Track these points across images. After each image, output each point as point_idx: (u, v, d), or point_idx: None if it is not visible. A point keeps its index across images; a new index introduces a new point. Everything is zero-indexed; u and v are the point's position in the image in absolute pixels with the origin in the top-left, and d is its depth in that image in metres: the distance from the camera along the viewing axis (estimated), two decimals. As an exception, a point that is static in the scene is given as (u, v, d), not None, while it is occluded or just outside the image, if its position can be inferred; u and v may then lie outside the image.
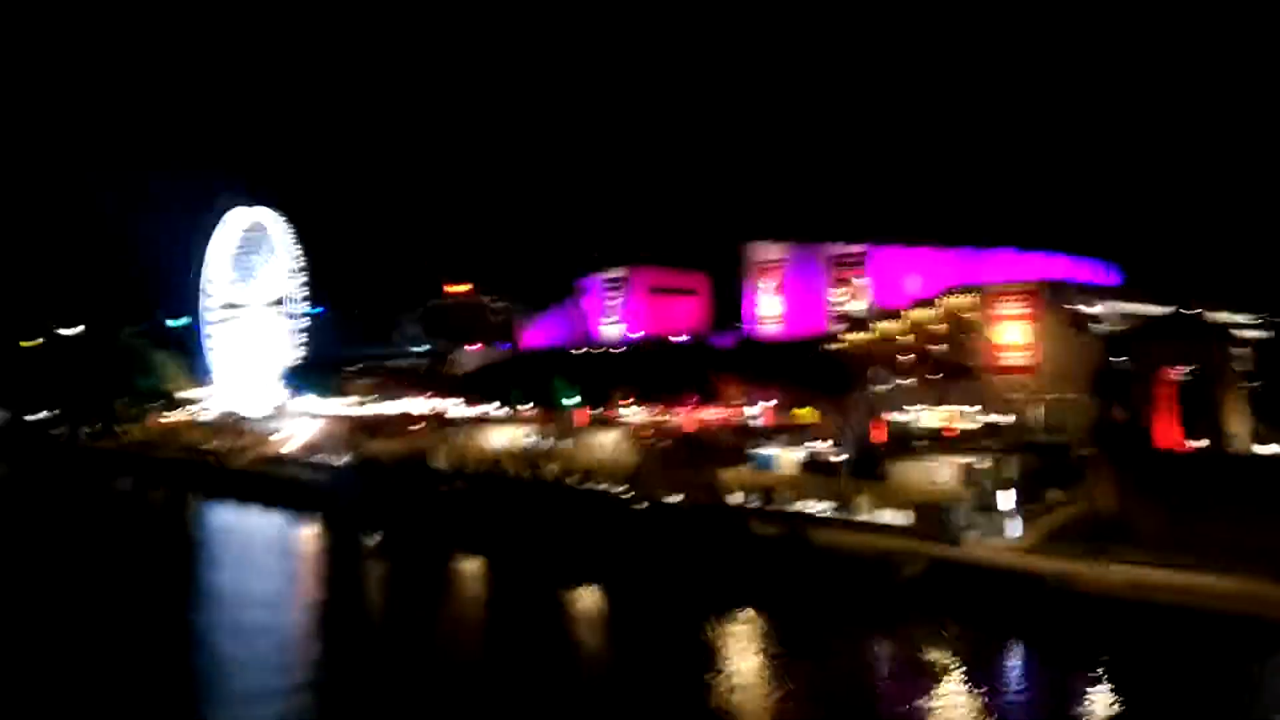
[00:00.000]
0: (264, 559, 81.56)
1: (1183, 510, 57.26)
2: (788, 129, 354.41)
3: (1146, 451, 64.90)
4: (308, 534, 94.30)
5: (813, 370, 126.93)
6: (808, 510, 72.07)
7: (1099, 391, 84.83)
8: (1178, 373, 70.52)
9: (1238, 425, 65.38)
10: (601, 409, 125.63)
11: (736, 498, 78.13)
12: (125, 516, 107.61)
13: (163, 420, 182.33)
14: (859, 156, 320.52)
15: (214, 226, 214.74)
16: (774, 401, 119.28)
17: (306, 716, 43.65)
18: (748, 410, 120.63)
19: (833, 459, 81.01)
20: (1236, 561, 50.38)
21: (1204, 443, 66.21)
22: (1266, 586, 47.48)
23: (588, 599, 64.36)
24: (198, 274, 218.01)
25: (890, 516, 68.30)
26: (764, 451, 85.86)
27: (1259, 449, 66.52)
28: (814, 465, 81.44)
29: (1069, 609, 51.75)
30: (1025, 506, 63.08)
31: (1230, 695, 41.54)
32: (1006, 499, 62.18)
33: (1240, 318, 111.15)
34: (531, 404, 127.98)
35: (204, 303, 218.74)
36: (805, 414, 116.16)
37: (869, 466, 77.09)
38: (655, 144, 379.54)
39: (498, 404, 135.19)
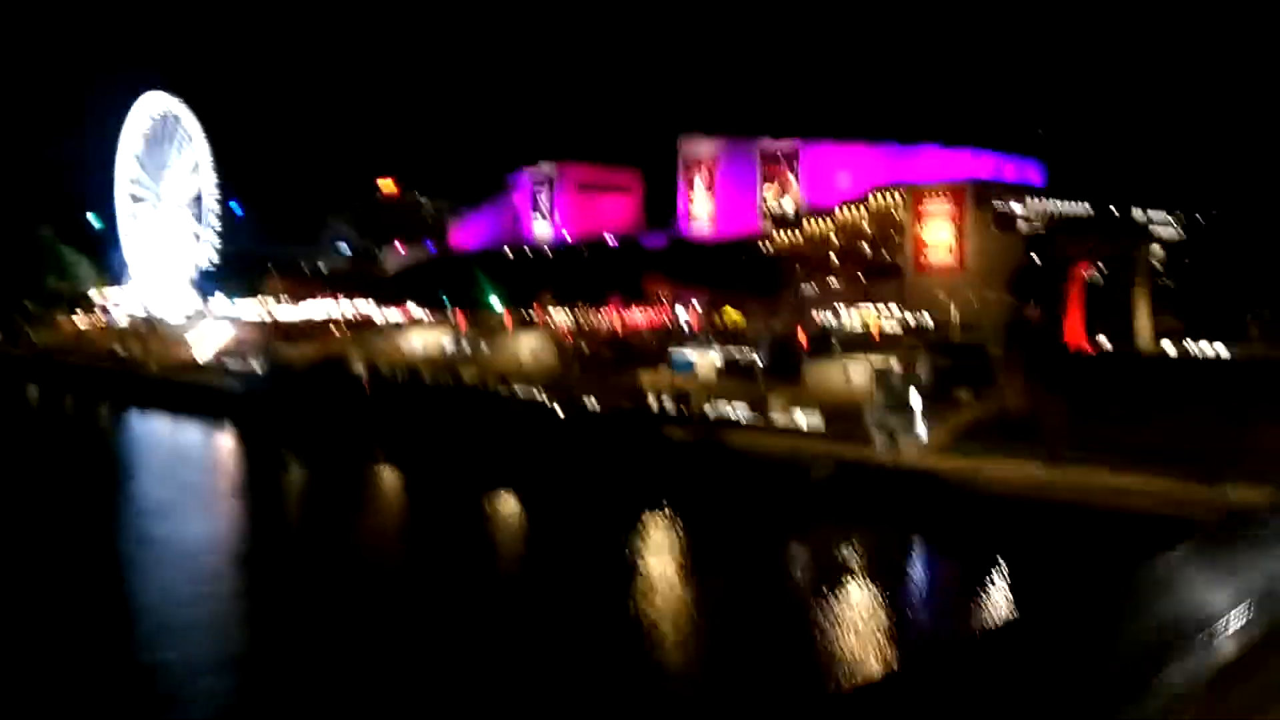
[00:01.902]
0: (173, 469, 79.35)
1: (1085, 409, 58.12)
2: (723, 22, 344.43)
3: (1055, 350, 65.40)
4: (221, 443, 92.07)
5: (742, 271, 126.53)
6: (723, 413, 71.94)
7: (1016, 291, 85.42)
8: (1088, 271, 70.80)
9: (1144, 323, 66.09)
10: (528, 311, 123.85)
11: (655, 401, 77.70)
12: (30, 425, 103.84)
13: (73, 323, 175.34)
14: (793, 50, 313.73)
15: (123, 115, 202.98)
16: (701, 302, 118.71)
17: (219, 626, 42.71)
18: (676, 312, 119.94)
19: (751, 361, 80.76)
20: (1132, 459, 51.40)
21: (1107, 341, 66.98)
22: (1157, 482, 48.50)
23: (504, 506, 63.96)
24: (112, 168, 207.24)
25: (804, 418, 68.47)
26: (683, 354, 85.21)
27: (1165, 345, 67.63)
28: (732, 368, 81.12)
29: (970, 508, 52.56)
30: (934, 406, 63.51)
31: (1119, 589, 42.55)
32: (916, 399, 62.44)
33: (1158, 214, 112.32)
34: (456, 306, 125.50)
35: (118, 199, 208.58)
36: (733, 315, 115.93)
37: (786, 368, 76.95)
38: (588, 35, 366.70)
39: (422, 306, 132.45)
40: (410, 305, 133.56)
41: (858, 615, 42.34)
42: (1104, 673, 17.08)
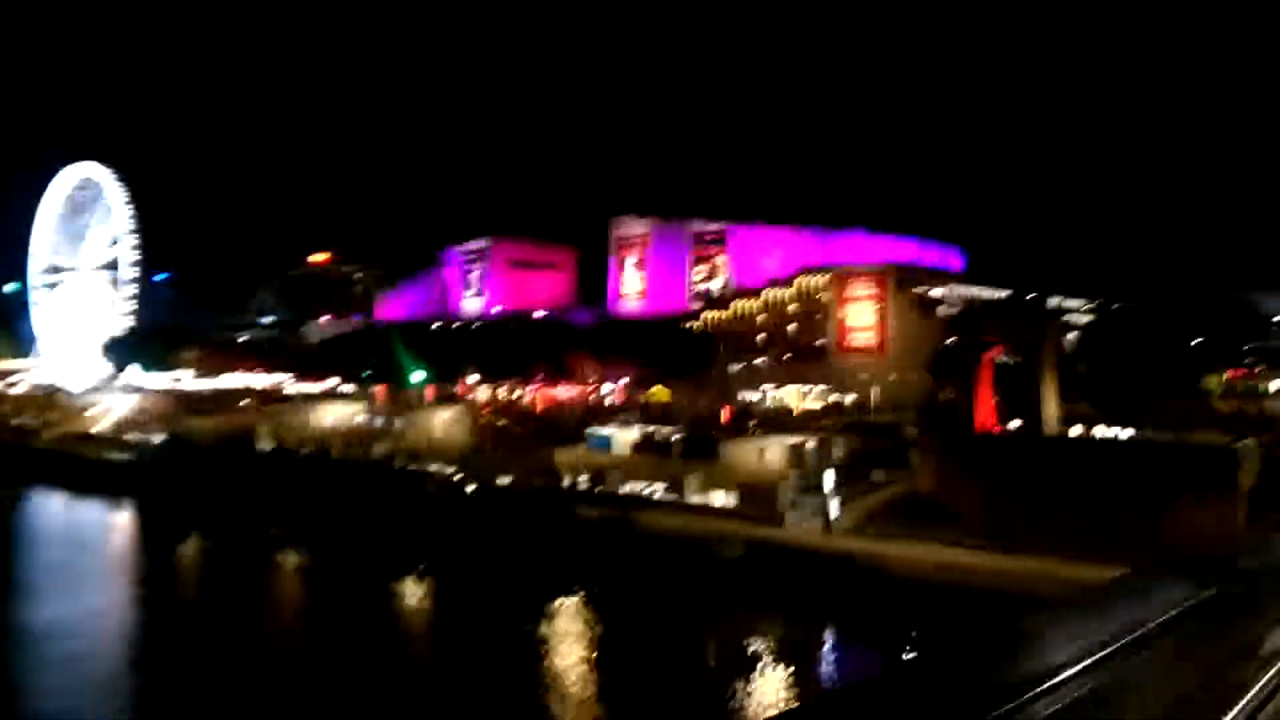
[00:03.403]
0: (50, 549, 74.59)
1: (994, 491, 58.01)
2: (657, 104, 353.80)
3: (967, 432, 65.65)
4: (116, 524, 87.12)
5: (669, 349, 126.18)
6: (637, 492, 70.41)
7: (934, 373, 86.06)
8: (1000, 355, 71.75)
9: (1052, 407, 67.01)
10: (451, 386, 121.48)
11: (570, 479, 75.88)
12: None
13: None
14: (727, 134, 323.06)
15: (45, 185, 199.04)
16: (627, 380, 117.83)
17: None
18: (602, 389, 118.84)
19: (669, 440, 79.57)
20: (1035, 541, 51.27)
21: (1018, 424, 67.69)
22: (1053, 565, 48.14)
23: (408, 590, 61.37)
24: (28, 237, 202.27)
25: (719, 498, 67.28)
26: (601, 432, 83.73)
27: (1071, 429, 68.69)
28: (648, 446, 79.81)
29: (879, 590, 51.72)
30: (847, 487, 62.82)
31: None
32: (829, 480, 61.72)
33: (1074, 302, 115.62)
34: (377, 380, 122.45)
35: (31, 267, 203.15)
36: (658, 393, 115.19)
37: (703, 447, 75.87)
38: (525, 114, 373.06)
39: (341, 379, 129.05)
40: (329, 378, 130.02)
41: (759, 701, 41.24)
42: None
